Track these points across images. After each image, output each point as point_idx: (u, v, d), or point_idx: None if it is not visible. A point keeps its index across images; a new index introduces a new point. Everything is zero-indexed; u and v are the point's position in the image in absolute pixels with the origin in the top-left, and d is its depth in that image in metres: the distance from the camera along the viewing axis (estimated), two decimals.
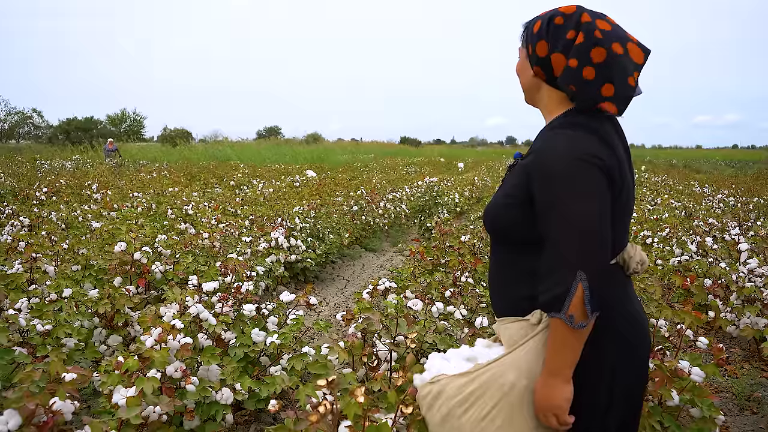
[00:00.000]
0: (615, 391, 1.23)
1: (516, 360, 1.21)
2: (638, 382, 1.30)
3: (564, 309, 1.11)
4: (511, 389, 1.19)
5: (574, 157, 1.16)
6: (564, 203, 1.15)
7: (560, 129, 1.24)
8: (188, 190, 9.80)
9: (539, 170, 1.20)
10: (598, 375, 1.22)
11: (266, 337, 2.64)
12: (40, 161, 17.43)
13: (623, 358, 1.24)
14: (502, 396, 1.19)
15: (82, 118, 39.14)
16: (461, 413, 1.21)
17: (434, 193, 10.51)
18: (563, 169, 1.16)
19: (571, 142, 1.19)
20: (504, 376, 1.20)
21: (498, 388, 1.19)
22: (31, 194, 8.36)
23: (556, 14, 1.27)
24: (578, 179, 1.15)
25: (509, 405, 1.18)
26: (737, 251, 4.49)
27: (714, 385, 3.24)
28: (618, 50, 1.20)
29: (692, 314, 2.19)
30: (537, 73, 1.31)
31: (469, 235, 4.87)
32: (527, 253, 1.26)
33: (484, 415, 1.19)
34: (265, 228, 5.31)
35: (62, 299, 2.83)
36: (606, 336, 1.21)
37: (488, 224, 1.35)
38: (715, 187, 13.14)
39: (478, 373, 1.23)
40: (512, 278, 1.31)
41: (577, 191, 1.15)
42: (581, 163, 1.16)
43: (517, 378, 1.19)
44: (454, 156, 34.72)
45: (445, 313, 2.86)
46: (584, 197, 1.14)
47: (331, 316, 4.60)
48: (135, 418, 1.77)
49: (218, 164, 18.42)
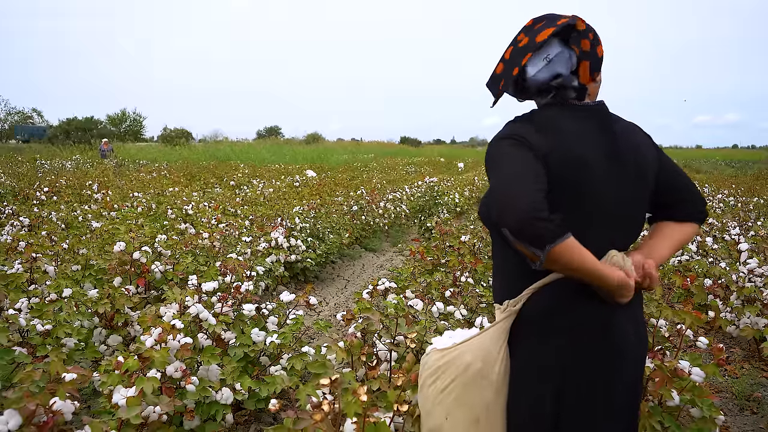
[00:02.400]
0: (552, 397, 1.24)
1: (476, 344, 1.29)
2: (605, 395, 1.26)
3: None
4: (466, 369, 1.27)
5: (496, 138, 1.28)
6: (490, 177, 1.25)
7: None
8: (188, 190, 9.80)
9: None
10: (538, 375, 1.25)
11: (266, 337, 2.64)
12: (40, 161, 17.44)
13: (580, 366, 1.24)
14: (458, 374, 1.28)
15: (82, 118, 39.09)
16: (430, 383, 1.33)
17: (434, 193, 10.51)
18: (488, 151, 1.28)
19: (503, 129, 1.30)
20: (463, 356, 1.28)
21: (456, 366, 1.28)
22: (31, 194, 8.36)
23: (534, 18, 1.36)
24: (495, 154, 1.26)
25: (463, 383, 1.27)
26: (737, 251, 4.49)
27: (714, 385, 3.23)
28: None
29: (692, 314, 2.19)
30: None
31: (469, 235, 4.87)
32: (502, 246, 1.33)
33: (442, 388, 1.29)
34: (265, 228, 5.31)
35: (62, 299, 2.83)
36: (568, 338, 1.24)
37: (481, 215, 1.41)
38: (715, 187, 13.13)
39: (449, 351, 1.32)
40: (497, 267, 1.40)
41: (495, 163, 1.24)
42: (499, 141, 1.27)
43: (473, 360, 1.27)
44: (454, 156, 34.71)
45: (445, 313, 2.86)
46: (499, 165, 1.23)
47: (331, 316, 4.60)
48: (135, 418, 1.77)
49: (218, 164, 18.43)
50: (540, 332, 1.26)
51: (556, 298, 1.25)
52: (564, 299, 1.25)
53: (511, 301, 1.28)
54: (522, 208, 1.11)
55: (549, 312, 1.25)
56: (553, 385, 1.24)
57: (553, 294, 1.25)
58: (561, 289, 1.24)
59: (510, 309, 1.27)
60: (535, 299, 1.25)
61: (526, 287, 1.26)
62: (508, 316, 1.27)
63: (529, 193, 1.13)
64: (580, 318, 1.25)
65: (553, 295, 1.25)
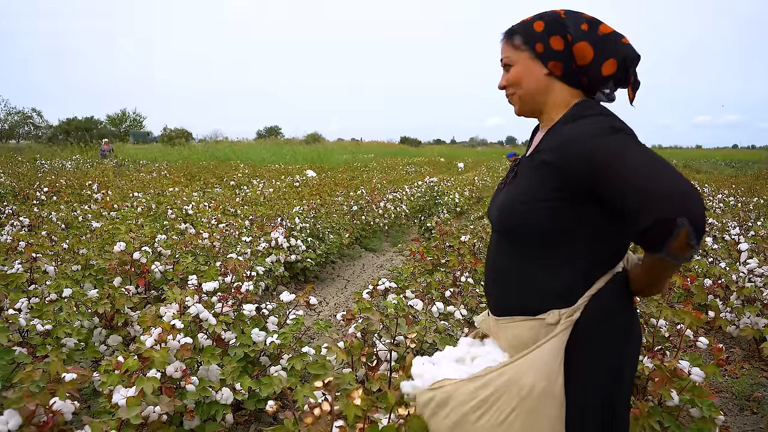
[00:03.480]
0: (615, 392, 1.23)
1: (533, 362, 1.17)
2: (631, 382, 1.31)
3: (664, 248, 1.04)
4: (530, 393, 1.15)
5: (610, 129, 1.13)
6: (624, 165, 1.07)
7: (581, 118, 1.21)
8: (188, 190, 9.79)
9: (591, 157, 1.12)
10: (606, 376, 1.22)
11: (266, 337, 2.64)
12: (40, 161, 17.43)
13: (628, 360, 1.26)
14: (520, 400, 1.15)
15: (82, 118, 39.11)
16: (475, 419, 1.18)
17: (434, 193, 10.51)
18: (606, 135, 1.12)
19: (597, 121, 1.17)
20: (522, 379, 1.16)
21: (516, 392, 1.16)
22: (31, 194, 8.36)
23: (556, 12, 1.27)
24: (618, 145, 1.11)
25: (528, 409, 1.15)
26: (737, 251, 4.49)
27: (714, 385, 3.23)
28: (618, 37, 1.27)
29: (692, 314, 2.19)
30: (553, 69, 1.26)
31: (469, 235, 4.87)
32: (542, 252, 1.23)
33: (501, 420, 1.16)
34: (265, 228, 5.31)
35: (62, 299, 2.83)
36: (623, 336, 1.24)
37: (502, 220, 1.29)
38: (715, 187, 13.12)
39: (491, 377, 1.20)
40: (525, 276, 1.26)
41: (627, 152, 1.09)
42: (616, 131, 1.13)
43: (535, 380, 1.15)
44: (454, 156, 34.72)
45: (445, 313, 2.86)
46: (636, 153, 1.08)
47: (331, 316, 4.60)
48: (135, 418, 1.77)
49: (218, 164, 18.42)
50: (603, 334, 1.21)
51: (615, 297, 1.22)
52: (621, 298, 1.24)
53: (566, 310, 1.19)
54: (699, 196, 1.02)
55: (609, 313, 1.21)
56: (616, 381, 1.23)
57: (611, 294, 1.21)
58: (614, 288, 1.22)
59: (567, 320, 1.18)
60: (592, 304, 1.19)
61: (580, 293, 1.19)
62: (566, 328, 1.18)
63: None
64: (632, 314, 1.26)
65: (612, 295, 1.22)
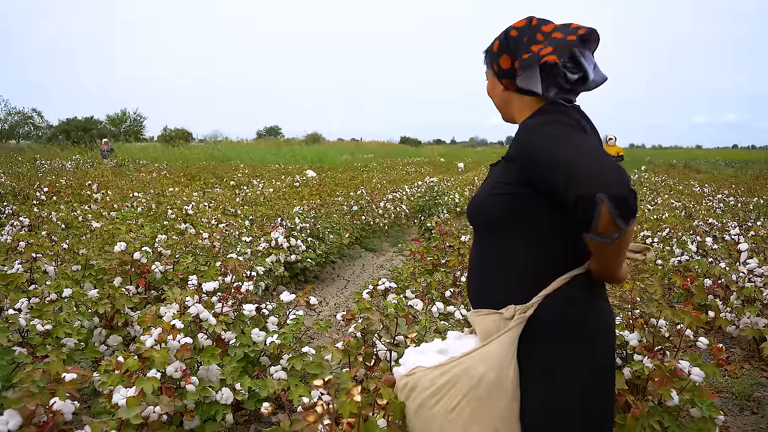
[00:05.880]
0: (591, 391, 1.25)
1: (487, 353, 1.24)
2: (611, 384, 1.31)
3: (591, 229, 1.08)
4: (479, 382, 1.22)
5: (547, 121, 1.22)
6: (556, 152, 1.14)
7: (530, 118, 1.31)
8: (188, 190, 9.80)
9: (526, 152, 1.23)
10: (580, 374, 1.24)
11: (266, 337, 2.64)
12: (40, 161, 17.42)
13: (604, 360, 1.28)
14: (470, 388, 1.23)
15: (82, 118, 39.08)
16: (433, 404, 1.27)
17: (434, 193, 10.51)
18: (539, 132, 1.21)
19: (541, 119, 1.26)
20: (474, 368, 1.24)
21: (467, 380, 1.24)
22: (31, 194, 8.36)
23: (510, 29, 1.36)
24: (554, 132, 1.18)
25: (477, 397, 1.22)
26: (737, 251, 4.48)
27: (714, 385, 3.23)
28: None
29: (692, 314, 2.19)
30: (507, 85, 1.38)
31: (469, 235, 4.87)
32: (504, 246, 1.30)
33: (453, 406, 1.24)
34: (265, 228, 5.31)
35: (62, 299, 2.82)
36: (583, 337, 1.25)
37: (474, 214, 1.38)
38: (715, 187, 13.13)
39: (451, 366, 1.27)
40: (489, 270, 1.33)
41: (562, 138, 1.16)
42: (552, 122, 1.21)
43: (486, 371, 1.22)
44: (454, 156, 34.71)
45: (445, 313, 2.86)
46: (567, 140, 1.15)
47: (331, 316, 4.60)
48: (135, 418, 1.77)
49: (218, 164, 18.43)
50: (559, 333, 1.24)
51: (572, 298, 1.24)
52: (580, 299, 1.25)
53: (519, 306, 1.24)
54: (626, 177, 1.06)
55: (565, 313, 1.24)
56: (584, 380, 1.23)
57: (567, 295, 1.24)
58: (573, 289, 1.24)
59: (520, 316, 1.23)
60: (547, 303, 1.23)
61: (536, 290, 1.24)
62: (519, 324, 1.23)
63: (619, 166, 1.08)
64: (595, 315, 1.28)
65: (568, 295, 1.24)
